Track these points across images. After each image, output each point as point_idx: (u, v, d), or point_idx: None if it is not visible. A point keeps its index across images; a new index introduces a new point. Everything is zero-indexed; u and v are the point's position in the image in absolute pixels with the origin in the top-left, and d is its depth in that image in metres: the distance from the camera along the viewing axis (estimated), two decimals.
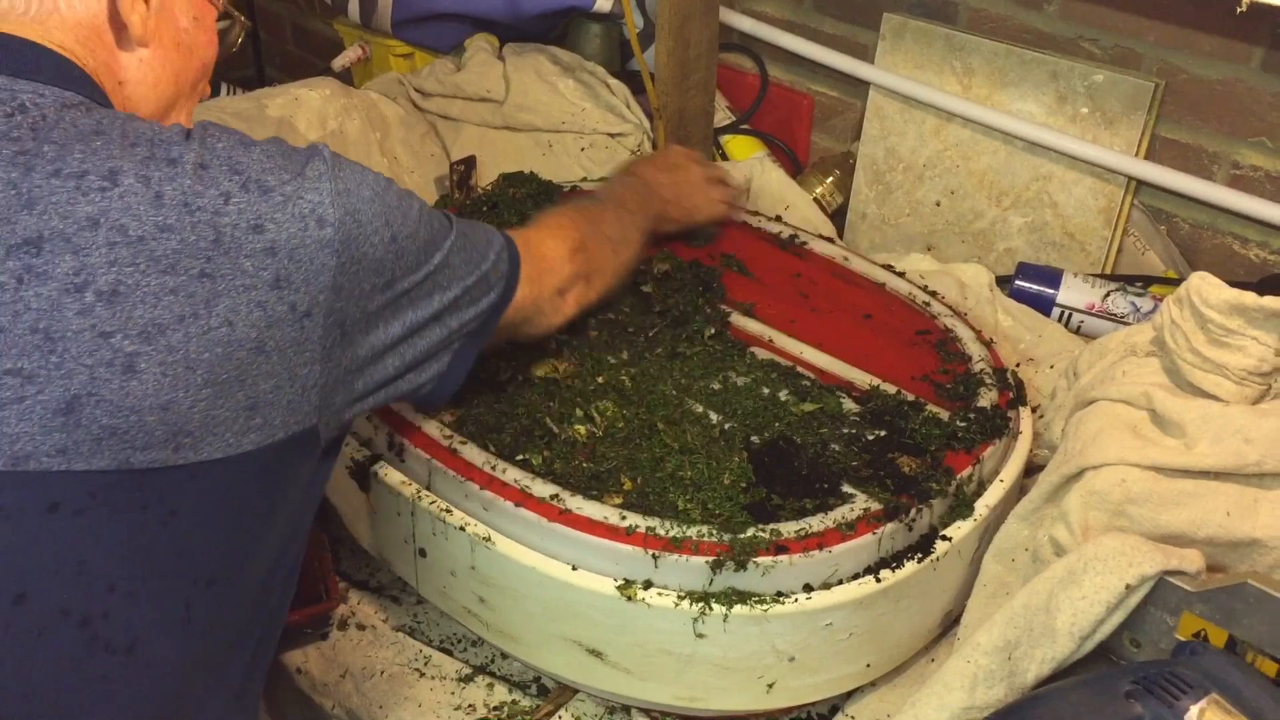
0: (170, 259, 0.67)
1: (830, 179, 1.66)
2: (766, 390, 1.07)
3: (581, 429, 1.01)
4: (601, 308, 1.14)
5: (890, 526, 0.93)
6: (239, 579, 0.75)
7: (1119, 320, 1.32)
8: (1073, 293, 1.35)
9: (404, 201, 0.79)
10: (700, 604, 0.89)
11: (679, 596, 0.90)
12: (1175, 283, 1.36)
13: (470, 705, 1.02)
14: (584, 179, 1.50)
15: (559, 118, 1.63)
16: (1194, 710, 0.75)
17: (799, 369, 1.11)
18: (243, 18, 0.97)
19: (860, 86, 1.63)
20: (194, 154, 0.70)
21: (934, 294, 1.27)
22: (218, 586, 0.73)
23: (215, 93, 1.85)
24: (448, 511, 0.97)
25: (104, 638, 0.68)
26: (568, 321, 1.05)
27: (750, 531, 0.90)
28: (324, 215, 0.72)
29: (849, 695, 1.02)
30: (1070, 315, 1.35)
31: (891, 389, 1.09)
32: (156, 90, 0.82)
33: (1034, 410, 1.16)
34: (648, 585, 0.90)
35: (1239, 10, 1.09)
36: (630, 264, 1.15)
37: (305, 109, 1.52)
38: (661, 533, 0.90)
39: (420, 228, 0.80)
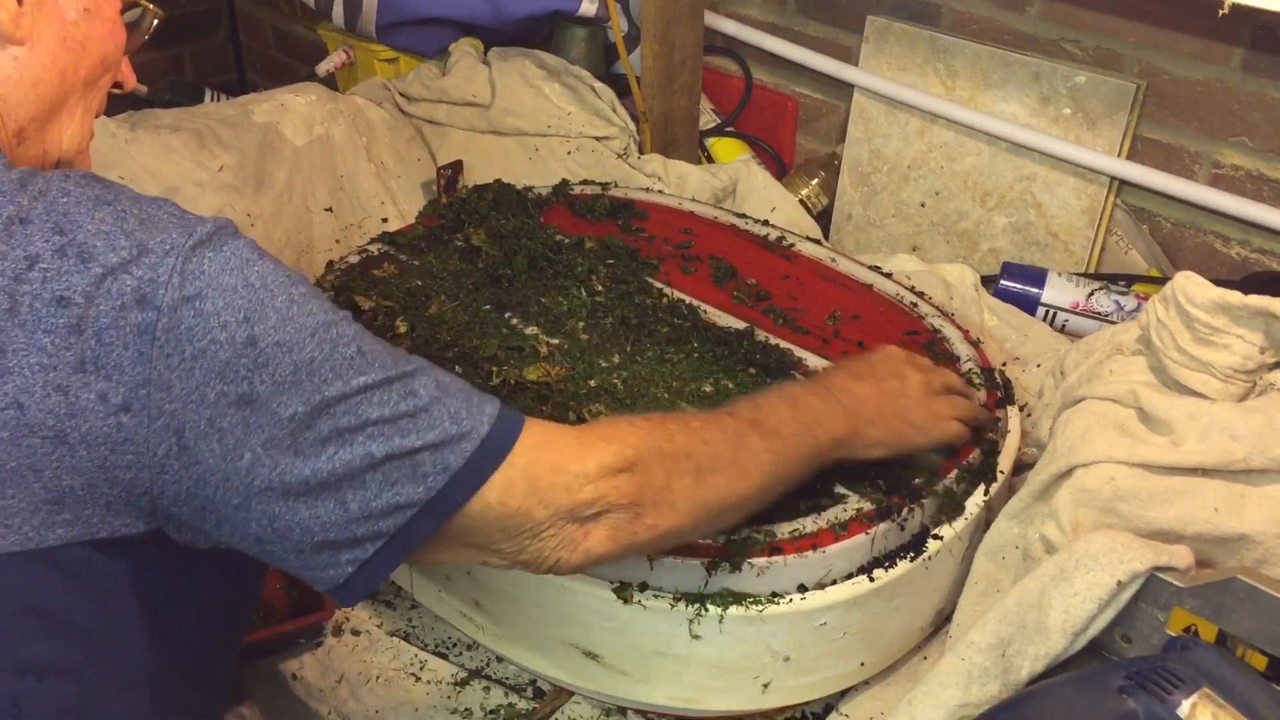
0: None
1: (815, 181, 1.67)
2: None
3: None
4: None
5: (883, 526, 0.94)
6: (88, 673, 0.67)
7: (1103, 319, 1.33)
8: (1057, 292, 1.36)
9: (297, 307, 0.65)
10: (696, 605, 0.90)
11: (674, 598, 0.90)
12: (1158, 281, 1.37)
13: (466, 709, 1.02)
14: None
15: (545, 121, 1.63)
16: (1186, 704, 0.76)
17: (791, 371, 1.11)
18: (153, 6, 0.88)
19: (844, 89, 1.64)
20: (15, 207, 0.62)
21: (921, 294, 1.28)
22: (55, 682, 0.65)
23: (200, 99, 1.84)
24: None
25: None
26: (592, 564, 0.78)
27: (744, 532, 0.91)
28: (148, 295, 0.61)
29: (843, 694, 1.02)
30: (1055, 314, 1.36)
31: None
32: (36, 91, 0.74)
33: (1022, 409, 1.17)
34: (643, 587, 0.91)
35: (1221, 12, 1.10)
36: (736, 501, 0.85)
37: (291, 115, 1.52)
38: None
39: (312, 342, 0.64)
